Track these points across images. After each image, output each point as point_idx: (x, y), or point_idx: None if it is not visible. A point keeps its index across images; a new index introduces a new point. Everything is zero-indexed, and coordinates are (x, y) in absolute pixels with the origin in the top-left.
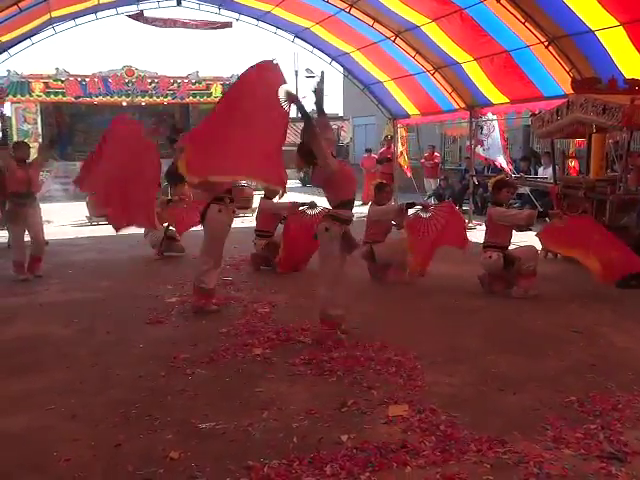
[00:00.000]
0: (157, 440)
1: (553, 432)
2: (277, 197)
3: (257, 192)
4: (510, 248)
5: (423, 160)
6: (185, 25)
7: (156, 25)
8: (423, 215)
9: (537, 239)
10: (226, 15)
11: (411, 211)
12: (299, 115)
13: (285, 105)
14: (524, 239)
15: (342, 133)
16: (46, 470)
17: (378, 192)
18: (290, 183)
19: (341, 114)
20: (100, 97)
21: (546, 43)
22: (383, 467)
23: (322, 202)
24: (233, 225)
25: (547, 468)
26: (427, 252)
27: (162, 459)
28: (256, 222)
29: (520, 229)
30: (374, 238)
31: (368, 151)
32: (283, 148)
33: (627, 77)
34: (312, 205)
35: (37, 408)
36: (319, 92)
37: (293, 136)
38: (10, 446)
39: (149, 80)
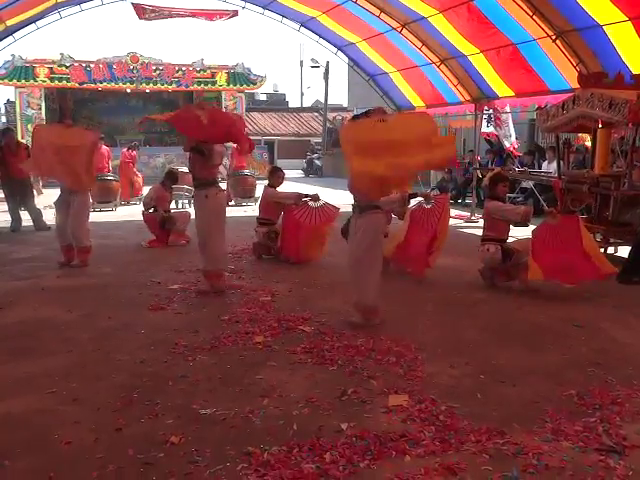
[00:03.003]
0: (158, 425)
1: (552, 424)
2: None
3: (260, 181)
4: (509, 241)
5: None
6: (193, 15)
7: (162, 17)
8: (426, 205)
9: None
10: (232, 3)
11: (413, 201)
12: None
13: None
14: (524, 232)
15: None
16: (47, 452)
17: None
18: (292, 173)
19: (345, 105)
20: (104, 83)
21: (553, 37)
22: (382, 456)
23: (324, 194)
24: (236, 214)
25: (545, 460)
26: (422, 251)
27: (162, 443)
28: (259, 210)
29: (517, 225)
30: None
31: None
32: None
33: (634, 73)
34: (315, 198)
35: (38, 391)
36: None
37: (297, 127)
38: (11, 428)
39: (154, 67)
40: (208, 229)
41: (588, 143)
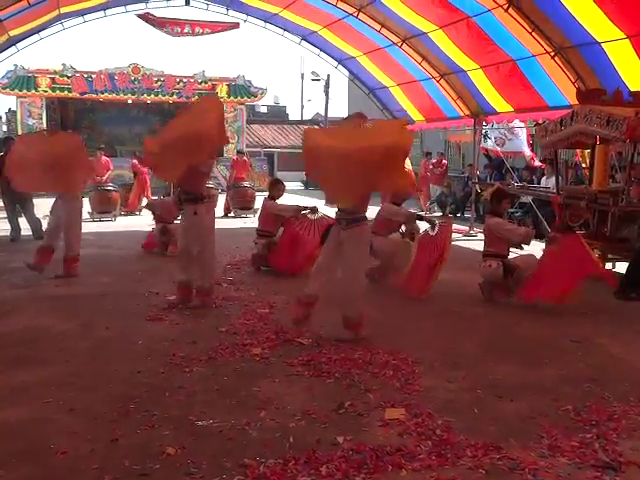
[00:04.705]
0: (154, 436)
1: (549, 440)
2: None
3: (259, 193)
4: (510, 257)
5: (431, 167)
6: (193, 32)
7: (165, 32)
8: (431, 233)
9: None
10: (234, 16)
11: (421, 225)
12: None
13: None
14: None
15: None
16: (42, 463)
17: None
18: (292, 185)
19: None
20: (106, 94)
21: (552, 53)
22: (378, 469)
23: (323, 206)
24: (235, 226)
25: (542, 475)
26: (426, 275)
27: (158, 455)
28: (258, 222)
29: (515, 246)
30: (376, 230)
31: None
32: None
33: (632, 90)
34: (314, 210)
35: (35, 400)
36: None
37: (297, 139)
38: (7, 437)
39: (155, 78)
40: (198, 245)
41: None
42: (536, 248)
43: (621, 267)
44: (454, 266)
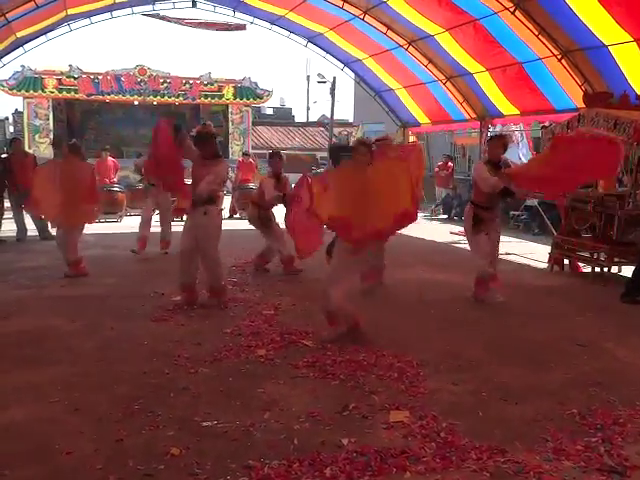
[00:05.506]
0: (159, 436)
1: (554, 444)
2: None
3: None
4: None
5: (437, 169)
6: (199, 25)
7: (171, 21)
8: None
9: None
10: (240, 18)
11: None
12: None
13: None
14: (522, 249)
15: (351, 139)
16: (47, 462)
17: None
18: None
19: (351, 120)
20: (112, 95)
21: (559, 56)
22: (383, 472)
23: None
24: (240, 227)
25: (546, 479)
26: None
27: (163, 455)
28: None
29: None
30: None
31: None
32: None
33: (639, 93)
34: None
35: (41, 400)
36: None
37: (303, 141)
38: (12, 437)
39: (161, 80)
40: (205, 244)
41: None
42: (540, 250)
43: (627, 271)
44: (457, 269)
